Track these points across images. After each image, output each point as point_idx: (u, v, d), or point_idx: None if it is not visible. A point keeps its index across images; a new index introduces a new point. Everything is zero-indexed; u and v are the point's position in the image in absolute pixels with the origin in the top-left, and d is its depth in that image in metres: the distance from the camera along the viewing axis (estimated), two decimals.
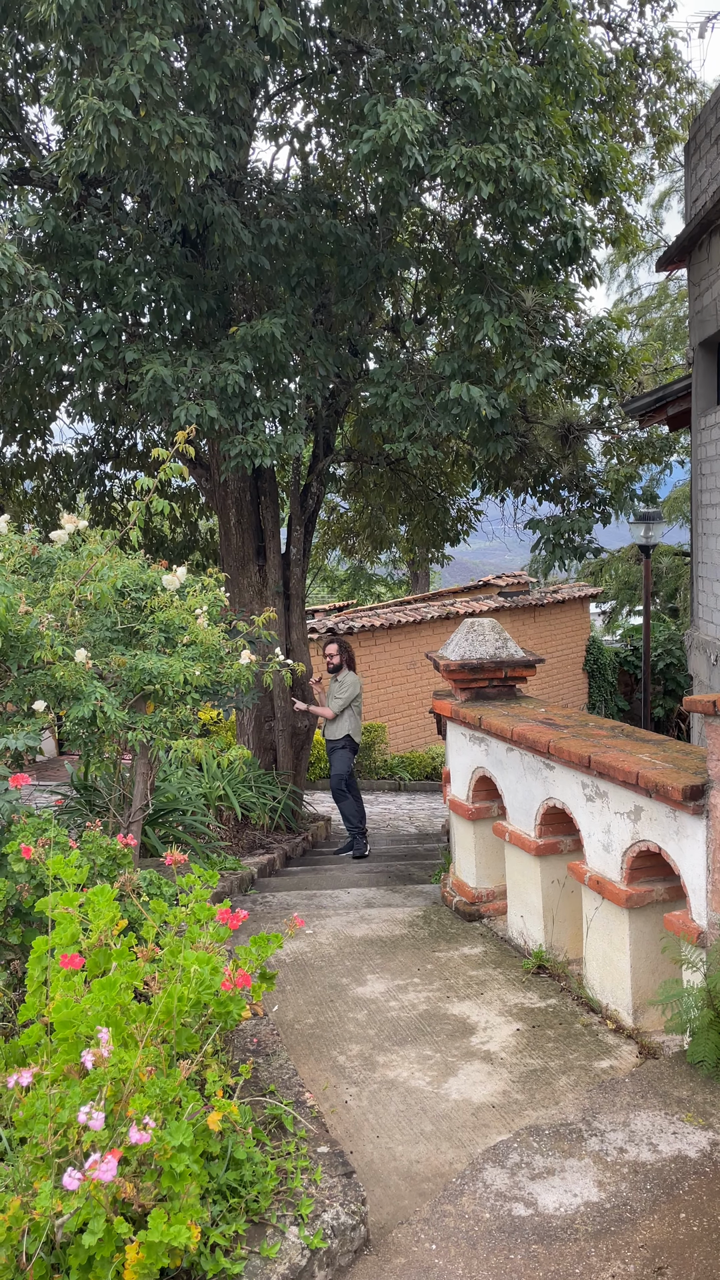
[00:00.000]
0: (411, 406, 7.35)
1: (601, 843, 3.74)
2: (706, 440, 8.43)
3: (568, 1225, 2.50)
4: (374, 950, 4.60)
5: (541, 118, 6.85)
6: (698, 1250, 2.38)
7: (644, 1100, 3.01)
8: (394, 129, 6.03)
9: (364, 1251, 2.43)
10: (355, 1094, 3.36)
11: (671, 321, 24.29)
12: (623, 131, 11.11)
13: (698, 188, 8.35)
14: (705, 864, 3.23)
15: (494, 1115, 3.20)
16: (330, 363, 7.45)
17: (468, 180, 6.35)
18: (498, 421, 7.28)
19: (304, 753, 9.30)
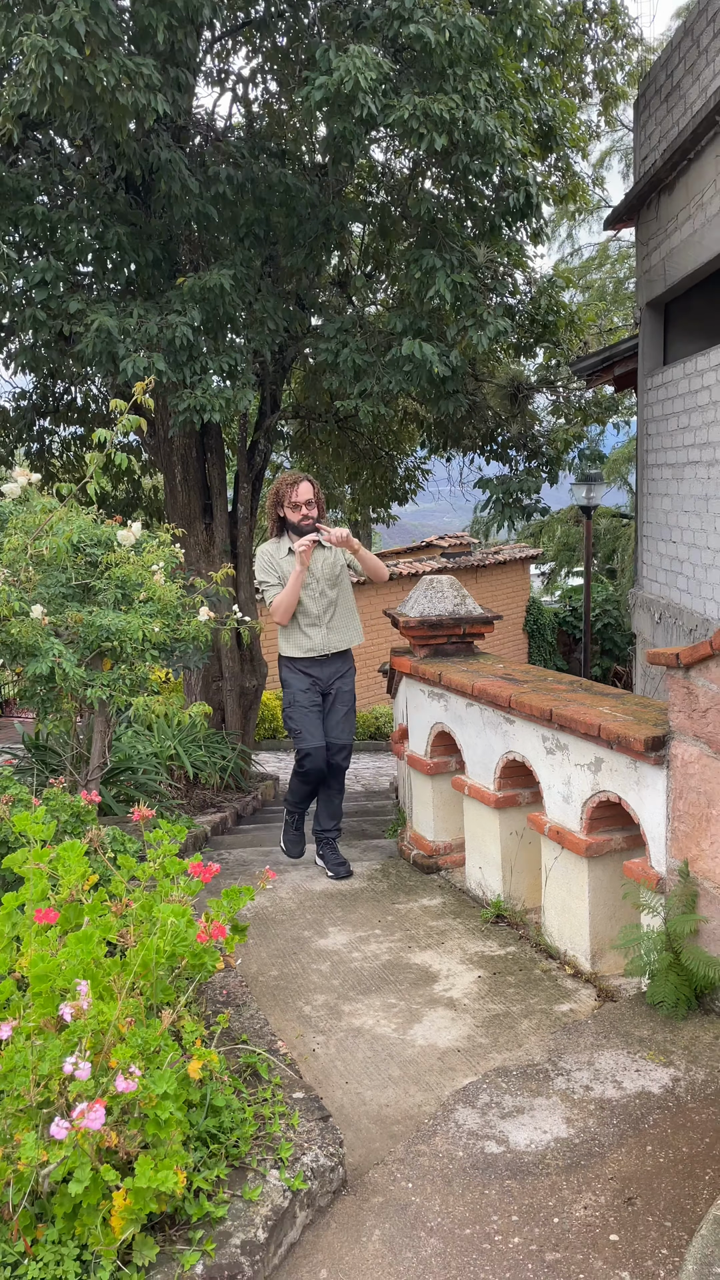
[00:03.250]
0: (363, 363, 7.29)
1: (561, 794, 3.81)
2: (653, 400, 8.53)
3: (539, 1160, 2.57)
4: (334, 904, 4.64)
5: (495, 69, 6.78)
6: (664, 1180, 2.47)
7: (607, 1040, 3.10)
8: (347, 76, 5.92)
9: (342, 1192, 2.48)
10: (323, 1042, 3.41)
11: (612, 283, 24.39)
12: (570, 87, 11.04)
13: (647, 145, 8.36)
14: (665, 813, 3.31)
15: (460, 1059, 3.26)
16: (279, 317, 7.35)
17: (421, 131, 6.26)
18: (449, 379, 7.26)
19: (252, 712, 9.29)
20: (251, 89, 8.46)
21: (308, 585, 4.79)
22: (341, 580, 4.92)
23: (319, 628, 4.85)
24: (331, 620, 4.87)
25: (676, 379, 7.87)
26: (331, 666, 4.92)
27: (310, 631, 4.84)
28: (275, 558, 4.83)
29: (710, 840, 3.15)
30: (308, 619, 4.82)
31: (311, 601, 4.81)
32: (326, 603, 4.84)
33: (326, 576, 4.86)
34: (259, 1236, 2.14)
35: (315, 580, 4.83)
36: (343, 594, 4.93)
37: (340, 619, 4.91)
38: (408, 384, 7.19)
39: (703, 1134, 2.64)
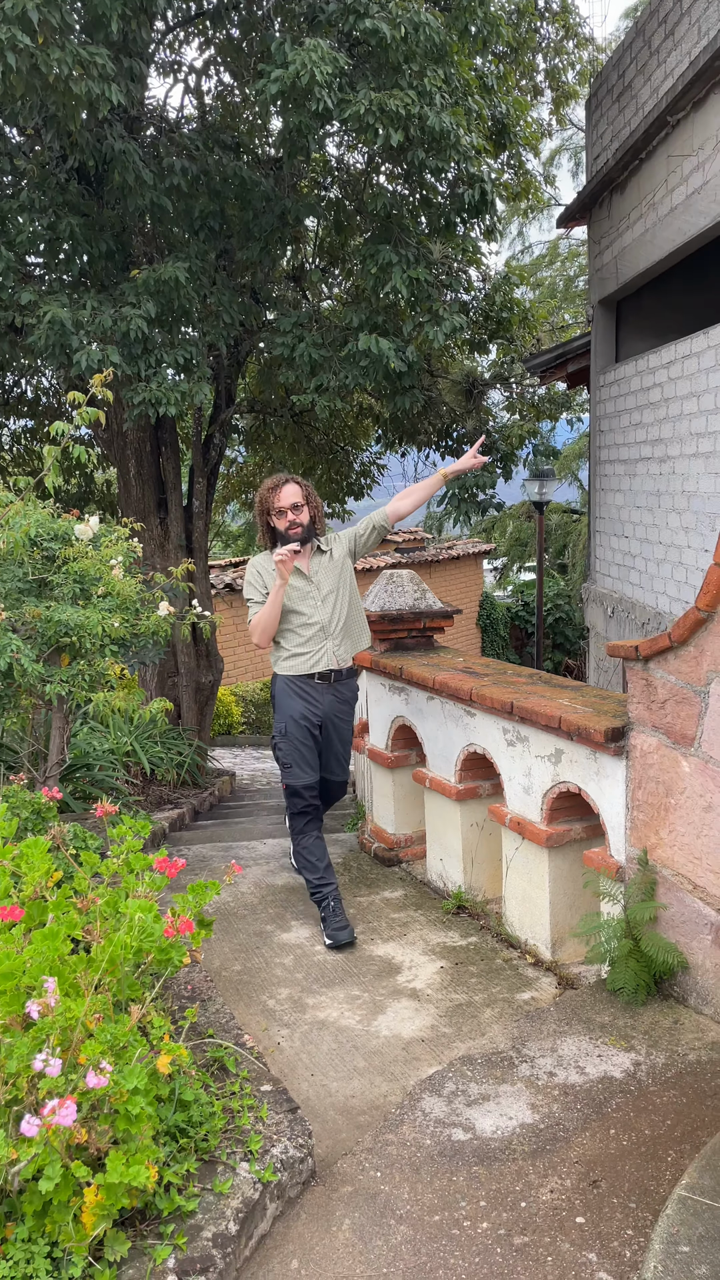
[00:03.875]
0: (319, 357, 7.28)
1: (522, 785, 3.85)
2: (605, 397, 8.64)
3: (506, 1146, 2.60)
4: (296, 897, 4.65)
5: (450, 66, 6.80)
6: (628, 1163, 2.52)
7: (569, 1027, 3.15)
8: (303, 69, 5.90)
9: (312, 1183, 2.49)
10: (287, 1035, 3.41)
11: (562, 280, 24.60)
12: (522, 85, 11.13)
13: (599, 145, 8.45)
14: (625, 803, 3.37)
15: (425, 1049, 3.29)
16: (235, 310, 7.31)
17: (377, 127, 6.27)
18: (405, 375, 7.28)
19: (208, 708, 9.24)
20: (205, 80, 8.41)
21: (307, 595, 4.15)
22: (346, 580, 4.25)
23: (323, 638, 4.17)
24: (338, 630, 4.20)
25: (629, 376, 7.97)
26: (333, 692, 4.21)
27: (312, 644, 4.16)
28: (264, 570, 4.22)
29: (669, 829, 3.21)
30: (309, 629, 4.15)
31: (313, 610, 4.15)
32: (330, 609, 4.18)
33: (328, 580, 4.19)
34: (230, 1229, 2.14)
35: (314, 587, 4.17)
36: (351, 596, 4.27)
37: (348, 627, 4.25)
38: (364, 379, 7.20)
39: (664, 1116, 2.69)
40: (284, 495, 4.14)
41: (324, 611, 4.17)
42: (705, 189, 6.31)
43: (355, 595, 4.30)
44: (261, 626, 4.12)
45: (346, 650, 4.23)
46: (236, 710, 13.97)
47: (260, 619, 4.11)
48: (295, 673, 4.17)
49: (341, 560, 4.24)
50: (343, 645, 4.21)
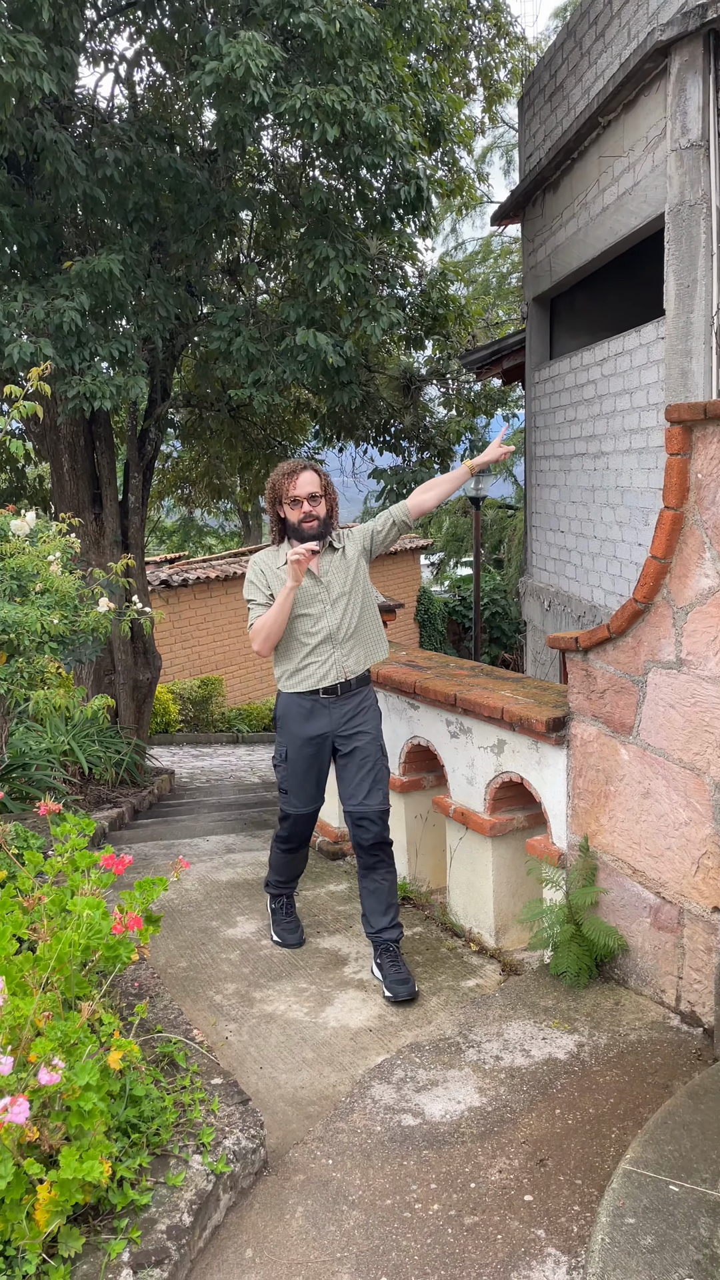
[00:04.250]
0: (256, 352, 7.26)
1: (465, 777, 3.91)
2: (540, 394, 8.76)
3: (454, 1130, 2.65)
4: (241, 893, 4.65)
5: (385, 62, 6.83)
6: (574, 1141, 2.58)
7: (514, 1012, 3.21)
8: (238, 62, 5.88)
9: (264, 1173, 2.50)
10: (235, 1029, 3.42)
11: (495, 277, 24.81)
12: (455, 83, 11.21)
13: (531, 144, 8.55)
14: (566, 791, 3.44)
15: (373, 1038, 3.33)
16: (170, 303, 7.25)
17: (313, 121, 6.27)
18: (343, 370, 7.30)
19: (146, 706, 9.16)
20: (136, 71, 8.32)
21: (315, 597, 3.63)
22: (360, 581, 3.74)
23: (330, 647, 3.65)
24: (349, 636, 3.68)
25: (563, 373, 8.10)
26: (344, 706, 3.69)
27: (317, 655, 3.65)
28: (268, 569, 3.68)
29: (609, 815, 3.29)
30: (314, 636, 3.64)
31: (320, 614, 3.65)
32: (340, 614, 3.67)
33: (339, 581, 3.68)
34: (184, 1221, 2.15)
35: (323, 589, 3.65)
36: (365, 600, 3.76)
37: (362, 635, 3.73)
38: (302, 374, 7.21)
39: (607, 1095, 2.76)
40: (301, 483, 3.60)
41: (333, 616, 3.65)
42: (636, 190, 6.44)
43: (370, 599, 3.79)
44: (265, 632, 3.58)
45: (357, 660, 3.70)
46: (174, 709, 13.88)
47: (264, 624, 3.58)
48: (299, 690, 3.68)
49: (355, 559, 3.73)
50: (352, 655, 3.68)
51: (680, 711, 3.00)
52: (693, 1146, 2.29)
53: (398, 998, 3.53)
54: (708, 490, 2.84)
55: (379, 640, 3.83)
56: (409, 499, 3.80)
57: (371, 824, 3.66)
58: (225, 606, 16.40)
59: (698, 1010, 3.04)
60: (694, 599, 2.93)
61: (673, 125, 5.68)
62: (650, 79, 6.08)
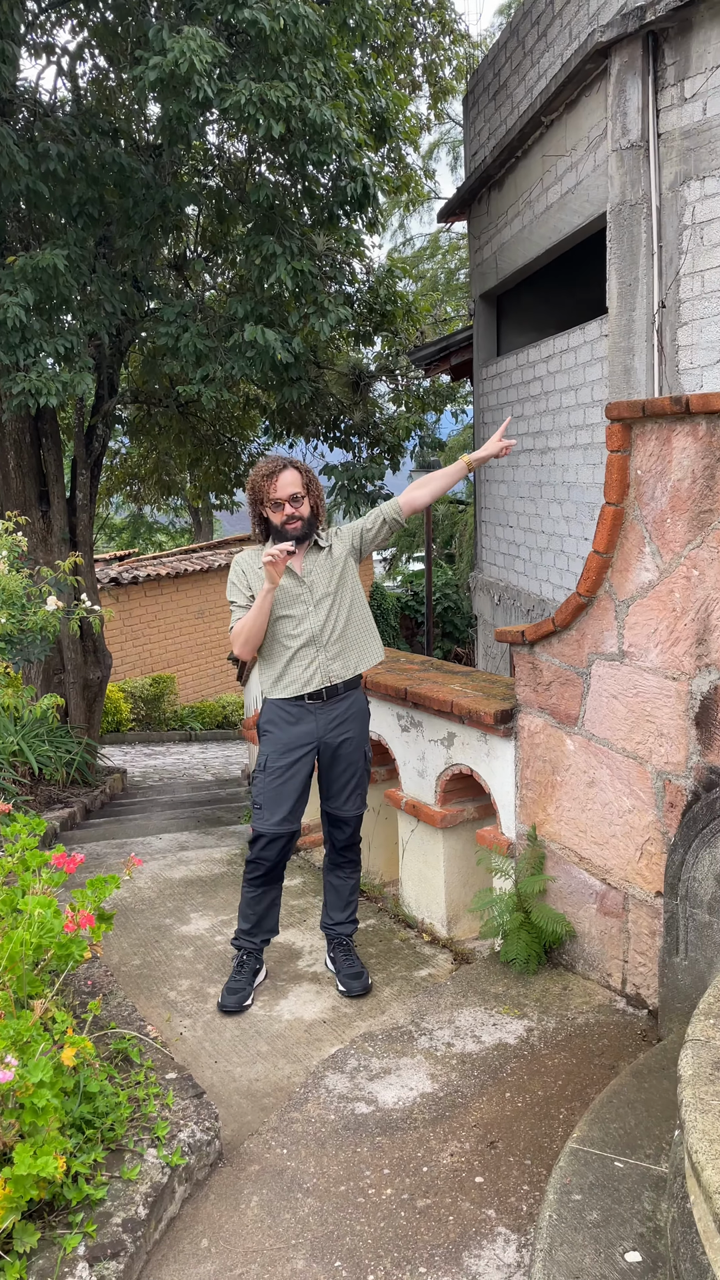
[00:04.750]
0: (204, 348, 7.24)
1: (416, 770, 3.95)
2: (488, 390, 8.84)
3: (407, 1116, 2.69)
4: (195, 890, 4.66)
5: (330, 59, 6.85)
6: (523, 1123, 2.64)
7: (465, 999, 3.26)
8: (182, 57, 5.86)
9: (219, 1164, 2.53)
10: (189, 1025, 3.43)
11: (443, 273, 24.93)
12: (401, 80, 11.26)
13: (476, 141, 8.62)
14: (514, 781, 3.50)
15: (326, 1030, 3.36)
16: (116, 298, 7.21)
17: (259, 117, 6.27)
18: (292, 366, 7.30)
19: (97, 705, 9.10)
20: (79, 64, 8.23)
21: (297, 598, 3.44)
22: (347, 581, 3.53)
23: (314, 650, 3.45)
24: (335, 639, 3.48)
25: (510, 370, 8.19)
26: (331, 711, 3.49)
27: (300, 660, 3.45)
28: (250, 569, 3.48)
29: (556, 805, 3.35)
30: (295, 639, 3.45)
31: (302, 616, 3.45)
32: (324, 616, 3.46)
33: (323, 581, 3.48)
34: (139, 1213, 2.17)
35: (305, 589, 3.45)
36: (353, 601, 3.55)
37: (350, 638, 3.53)
38: (251, 370, 7.20)
39: (556, 1077, 2.82)
40: (281, 484, 3.39)
41: (316, 619, 3.45)
42: (579, 189, 6.53)
43: (359, 600, 3.58)
44: (244, 635, 3.39)
45: (344, 665, 3.50)
46: (125, 707, 13.78)
47: (243, 627, 3.39)
48: (283, 696, 3.48)
49: (343, 559, 3.53)
50: (338, 659, 3.48)
51: (623, 702, 3.08)
52: (637, 1124, 2.36)
53: (351, 993, 3.56)
54: (647, 486, 2.91)
55: (370, 643, 3.59)
56: (401, 495, 3.60)
57: (348, 826, 3.63)
58: (176, 604, 16.31)
59: (643, 993, 3.12)
60: (635, 592, 3.00)
61: (613, 126, 5.77)
62: (591, 79, 6.16)
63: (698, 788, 2.85)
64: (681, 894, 2.83)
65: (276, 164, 7.64)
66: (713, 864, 2.71)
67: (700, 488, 2.74)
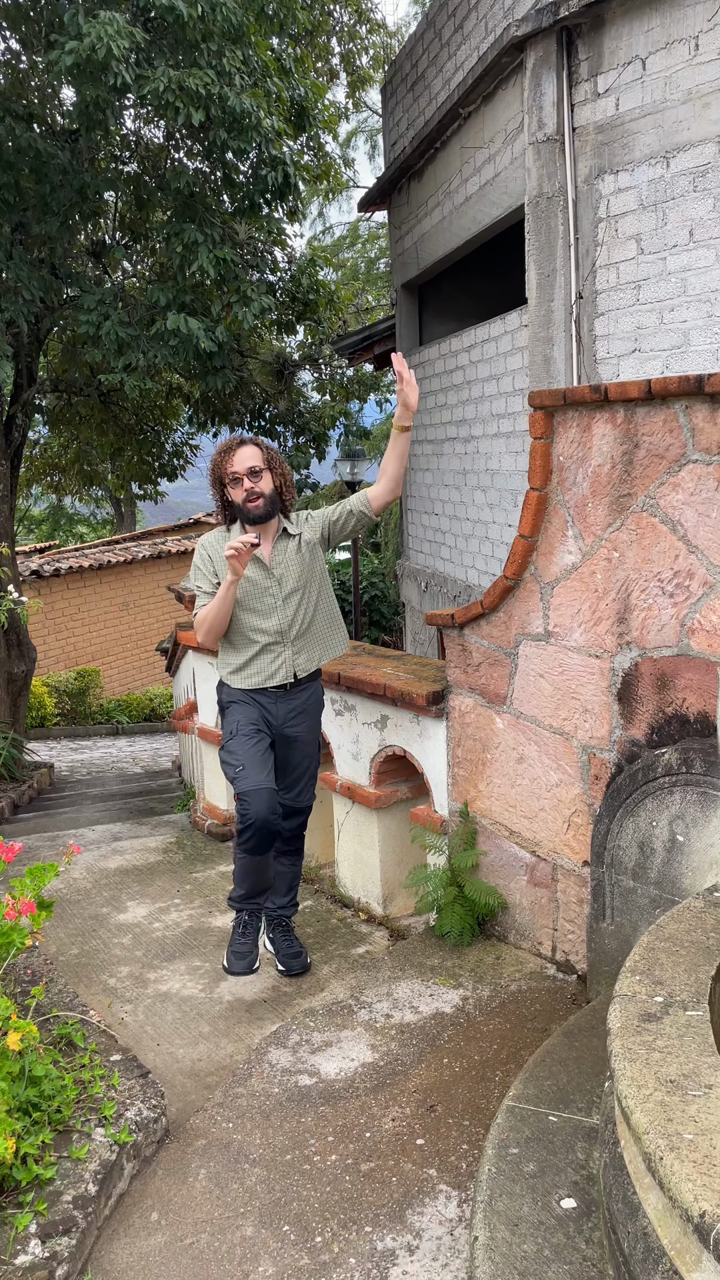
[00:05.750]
0: (126, 336, 7.19)
1: (351, 753, 4.03)
2: None
3: (349, 1085, 2.77)
4: (131, 879, 4.66)
5: (248, 47, 6.84)
6: (461, 1086, 2.74)
7: (402, 973, 3.35)
8: (99, 43, 5.80)
9: (166, 1140, 2.57)
10: (131, 1010, 3.46)
11: (364, 262, 24.96)
12: (318, 68, 11.26)
13: (395, 131, 8.69)
14: (446, 760, 3.60)
15: (267, 1009, 3.42)
16: (34, 286, 7.10)
17: (177, 105, 6.24)
18: (215, 355, 7.30)
19: (22, 698, 8.98)
20: None
21: (265, 591, 3.34)
22: (315, 574, 3.44)
23: (281, 646, 3.37)
24: (301, 635, 3.39)
25: (432, 359, 8.29)
26: (291, 701, 3.42)
27: (266, 654, 3.36)
28: (216, 554, 3.37)
29: (486, 782, 3.46)
30: (263, 635, 3.35)
31: (269, 610, 3.35)
32: (293, 610, 3.37)
33: (293, 575, 3.37)
34: (89, 1190, 2.21)
35: (273, 581, 3.34)
36: (321, 594, 3.46)
37: (316, 632, 3.45)
38: (173, 359, 7.17)
39: (491, 1042, 2.93)
40: (239, 458, 3.28)
41: (283, 614, 3.35)
42: (497, 181, 6.65)
43: (326, 592, 3.48)
44: (207, 625, 3.29)
45: (309, 659, 3.43)
46: (50, 702, 13.59)
47: (206, 617, 3.28)
48: (244, 686, 3.40)
49: (311, 550, 3.42)
50: (303, 653, 3.40)
51: (549, 680, 3.19)
52: (569, 1080, 2.47)
53: (290, 971, 3.59)
54: (569, 472, 3.02)
55: (335, 636, 3.52)
56: (369, 489, 3.39)
57: (300, 816, 3.59)
58: (100, 596, 16.12)
59: (572, 959, 3.25)
60: (559, 574, 3.11)
61: (529, 119, 5.89)
62: (507, 73, 6.27)
63: (621, 760, 2.98)
64: (607, 862, 2.95)
65: (196, 151, 7.60)
66: (636, 832, 2.84)
67: (619, 472, 2.86)
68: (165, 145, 8.17)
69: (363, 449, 15.02)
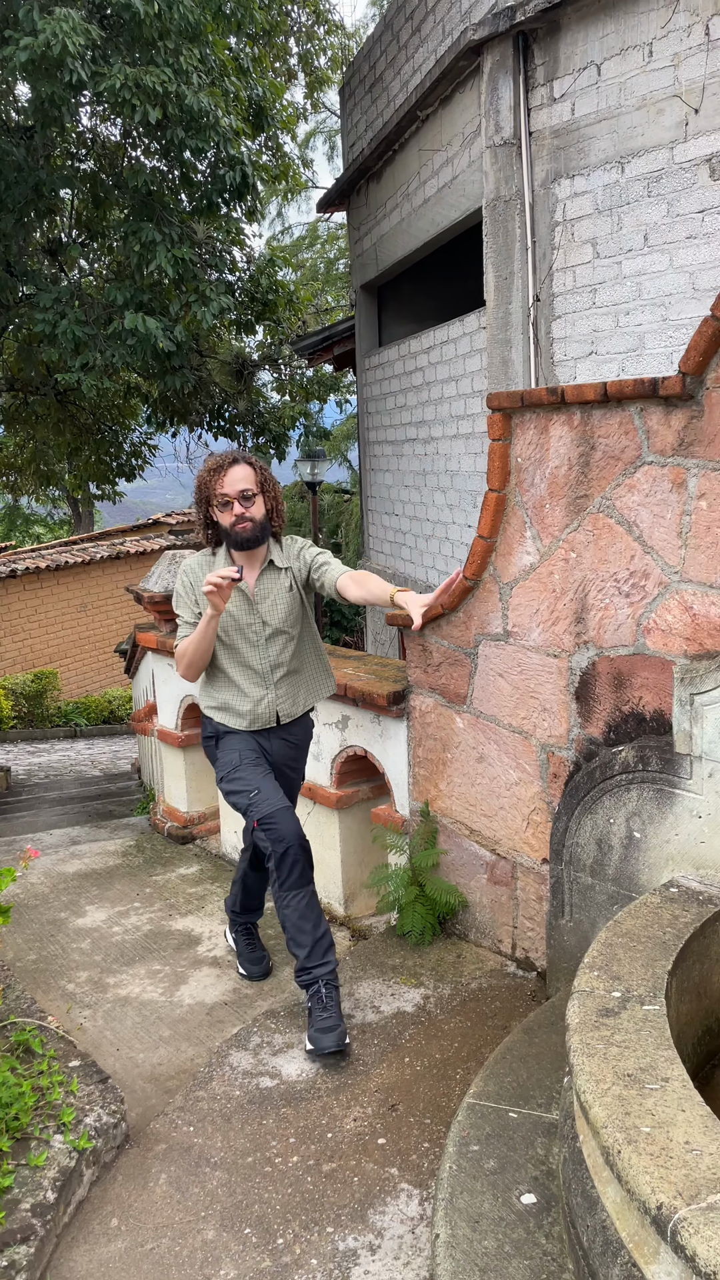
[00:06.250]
0: (83, 335, 7.13)
1: (312, 753, 4.02)
2: (371, 380, 8.95)
3: (310, 1087, 2.77)
4: (89, 883, 4.62)
5: (206, 46, 6.81)
6: (422, 1085, 2.75)
7: (364, 972, 3.36)
8: (54, 39, 5.75)
9: (126, 1146, 2.55)
10: (90, 1015, 3.43)
11: (323, 263, 24.96)
12: (277, 68, 11.25)
13: (354, 133, 8.69)
14: (407, 760, 3.61)
15: (228, 1011, 3.41)
16: None
17: (134, 102, 6.20)
18: (174, 354, 7.26)
19: None
20: None
21: (246, 628, 3.12)
22: (302, 615, 3.23)
23: (263, 688, 3.17)
24: (285, 676, 3.19)
25: (392, 360, 8.31)
26: (281, 736, 3.25)
27: (249, 692, 3.16)
28: (199, 582, 3.14)
29: (447, 781, 3.47)
30: (246, 674, 3.16)
31: (251, 650, 3.14)
32: (277, 651, 3.16)
33: (279, 614, 3.14)
34: (48, 1198, 2.18)
35: (255, 618, 3.13)
36: (304, 635, 3.25)
37: (303, 678, 3.26)
38: (132, 358, 7.13)
39: (452, 1040, 2.94)
40: (231, 480, 3.02)
41: (265, 653, 3.14)
42: (455, 183, 6.68)
43: (311, 630, 3.28)
44: (187, 660, 3.09)
45: (294, 703, 3.24)
46: (6, 704, 13.43)
47: (185, 651, 3.08)
48: (226, 722, 3.21)
49: (299, 586, 3.20)
50: (287, 697, 3.20)
51: (508, 680, 3.21)
52: (529, 1076, 2.49)
53: (252, 978, 3.56)
54: (527, 473, 3.04)
55: (323, 679, 3.34)
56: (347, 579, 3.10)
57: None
58: (57, 597, 15.95)
59: (531, 956, 3.27)
60: (518, 574, 3.13)
61: (487, 123, 5.92)
62: (465, 76, 6.31)
63: (579, 758, 3.01)
64: (566, 859, 2.98)
65: (154, 149, 7.56)
66: (593, 829, 2.87)
67: (576, 474, 2.89)
68: (122, 143, 8.12)
69: (323, 449, 15.03)
